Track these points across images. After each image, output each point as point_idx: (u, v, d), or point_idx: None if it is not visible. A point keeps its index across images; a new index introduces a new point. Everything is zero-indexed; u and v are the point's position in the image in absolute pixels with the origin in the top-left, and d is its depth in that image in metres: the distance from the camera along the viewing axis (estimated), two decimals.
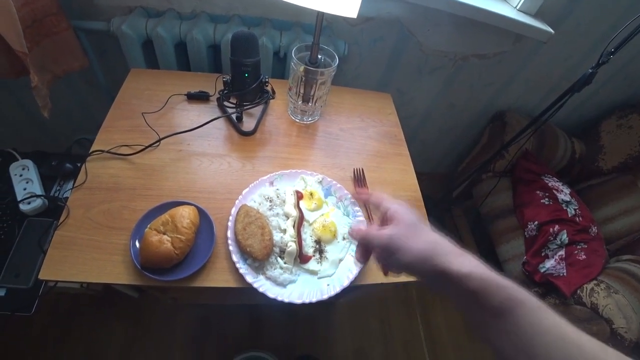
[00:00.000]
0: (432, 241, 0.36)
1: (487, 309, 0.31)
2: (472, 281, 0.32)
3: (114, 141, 0.71)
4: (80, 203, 0.63)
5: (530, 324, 0.29)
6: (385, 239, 0.37)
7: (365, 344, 1.29)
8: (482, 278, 0.32)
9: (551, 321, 0.29)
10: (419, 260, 0.35)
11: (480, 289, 0.31)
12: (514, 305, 0.30)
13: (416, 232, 0.37)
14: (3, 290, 0.73)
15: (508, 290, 0.31)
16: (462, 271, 0.32)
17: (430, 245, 0.35)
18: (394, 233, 0.37)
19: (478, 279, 0.32)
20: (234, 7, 0.94)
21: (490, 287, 0.31)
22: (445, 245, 0.36)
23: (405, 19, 0.99)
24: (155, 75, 0.87)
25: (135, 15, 0.91)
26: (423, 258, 0.34)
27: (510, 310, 0.30)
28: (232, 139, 0.79)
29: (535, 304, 0.30)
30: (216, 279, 0.58)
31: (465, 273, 0.32)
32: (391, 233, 0.37)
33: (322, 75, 0.73)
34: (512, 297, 0.31)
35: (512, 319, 0.30)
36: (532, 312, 0.30)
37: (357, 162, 0.80)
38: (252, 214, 0.61)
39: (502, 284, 0.31)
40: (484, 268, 0.33)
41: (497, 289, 0.31)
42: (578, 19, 1.03)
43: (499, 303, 0.31)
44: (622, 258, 1.17)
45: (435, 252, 0.34)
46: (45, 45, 0.84)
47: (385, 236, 0.37)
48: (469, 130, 1.50)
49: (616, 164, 1.35)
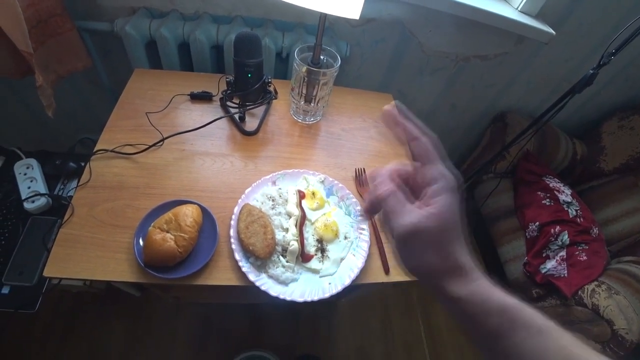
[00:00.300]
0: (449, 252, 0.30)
1: (486, 331, 0.29)
2: (468, 304, 0.29)
3: (118, 140, 0.72)
4: (84, 201, 0.63)
5: (531, 349, 0.27)
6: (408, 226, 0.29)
7: (366, 344, 1.29)
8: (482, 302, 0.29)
9: (555, 344, 0.27)
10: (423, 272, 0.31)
11: (478, 313, 0.29)
12: (515, 328, 0.28)
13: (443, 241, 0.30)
14: (7, 287, 0.74)
15: (510, 313, 0.28)
16: (461, 293, 0.29)
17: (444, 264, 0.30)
18: (420, 227, 0.29)
19: (476, 303, 0.29)
20: (237, 8, 0.95)
21: (490, 311, 0.29)
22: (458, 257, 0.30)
23: (407, 20, 1.00)
24: (159, 76, 0.88)
25: (139, 16, 0.91)
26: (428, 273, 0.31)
27: (511, 334, 0.28)
28: (234, 138, 0.79)
29: (538, 325, 0.28)
30: (219, 277, 0.59)
31: (462, 295, 0.29)
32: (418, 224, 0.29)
33: (325, 76, 0.73)
34: (514, 320, 0.28)
35: (512, 342, 0.28)
36: (534, 335, 0.27)
37: (359, 162, 0.81)
38: (255, 212, 0.62)
39: (502, 305, 0.29)
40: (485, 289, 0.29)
41: (497, 312, 0.28)
42: (579, 20, 1.04)
43: (499, 325, 0.28)
44: (623, 259, 1.17)
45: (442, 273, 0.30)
46: (49, 45, 0.85)
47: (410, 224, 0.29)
48: (470, 131, 1.50)
49: (617, 165, 1.36)
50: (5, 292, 0.73)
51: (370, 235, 0.67)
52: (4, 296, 0.73)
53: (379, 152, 0.85)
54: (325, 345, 1.26)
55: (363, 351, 1.28)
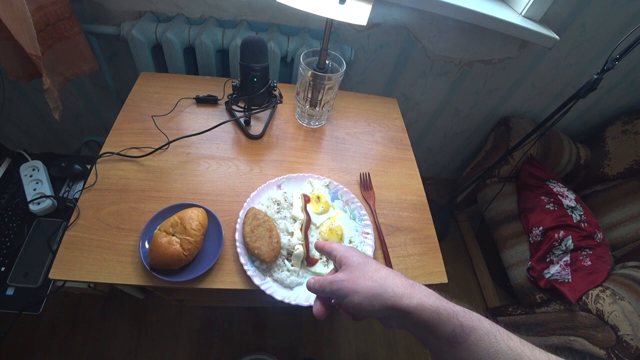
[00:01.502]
0: (379, 277, 0.36)
1: (442, 338, 0.32)
2: (422, 312, 0.32)
3: (124, 143, 0.72)
4: (90, 204, 0.63)
5: (484, 350, 0.30)
6: (334, 284, 0.38)
7: (370, 349, 1.29)
8: (432, 308, 0.32)
9: (504, 344, 0.30)
10: (368, 299, 0.35)
11: (431, 320, 0.32)
12: (467, 332, 0.31)
13: (363, 271, 0.37)
14: (12, 289, 0.74)
15: (459, 317, 0.31)
16: (412, 304, 0.33)
17: (377, 283, 0.35)
18: (340, 277, 0.38)
19: (428, 309, 0.32)
20: (243, 13, 0.95)
21: (440, 317, 0.31)
22: (395, 279, 0.36)
23: (411, 25, 1.00)
24: (165, 79, 0.89)
25: (145, 20, 0.92)
26: (371, 296, 0.35)
27: (464, 338, 0.30)
28: (240, 142, 0.80)
29: (487, 328, 0.31)
30: (224, 281, 0.59)
31: (415, 305, 0.32)
32: (339, 278, 0.38)
33: (330, 81, 0.73)
34: (464, 324, 0.31)
35: (466, 346, 0.30)
36: (485, 338, 0.30)
37: (364, 166, 0.81)
38: (260, 216, 0.62)
39: (452, 311, 0.32)
40: (434, 298, 0.33)
41: (448, 317, 0.31)
42: (583, 25, 1.04)
43: (452, 331, 0.31)
44: (627, 265, 1.16)
45: (383, 289, 0.35)
46: (57, 49, 0.86)
47: (334, 282, 0.38)
48: (474, 136, 1.51)
49: (622, 170, 1.35)
50: (10, 293, 0.74)
51: (375, 240, 0.67)
52: (9, 298, 0.73)
53: (384, 156, 0.85)
54: (328, 350, 1.26)
55: (366, 357, 1.27)
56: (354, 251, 0.41)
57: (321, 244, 0.46)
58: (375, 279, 0.36)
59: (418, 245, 0.71)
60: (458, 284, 1.53)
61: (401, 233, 0.72)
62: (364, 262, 0.39)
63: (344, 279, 0.37)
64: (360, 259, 0.39)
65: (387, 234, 0.70)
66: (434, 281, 0.66)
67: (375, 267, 0.38)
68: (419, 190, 0.80)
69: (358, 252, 0.41)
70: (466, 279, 1.55)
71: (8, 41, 0.73)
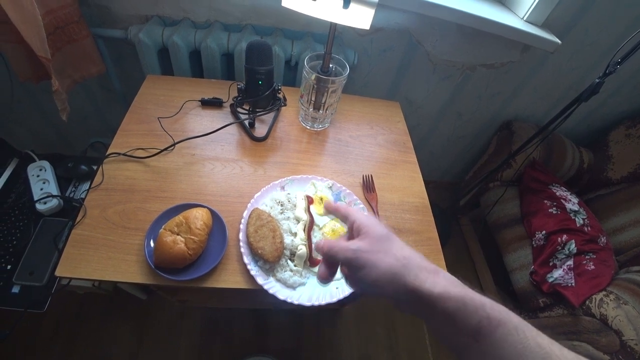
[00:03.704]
0: (403, 257, 0.33)
1: (465, 331, 0.29)
2: (446, 301, 0.29)
3: (130, 144, 0.74)
4: (96, 203, 0.64)
5: (511, 345, 0.27)
6: (350, 252, 0.34)
7: (371, 351, 1.28)
8: (458, 297, 0.29)
9: (533, 341, 0.27)
10: (387, 277, 0.32)
11: (455, 310, 0.29)
12: (494, 326, 0.28)
13: (385, 246, 0.34)
14: (17, 287, 0.75)
15: (486, 309, 0.29)
16: (436, 290, 0.30)
17: (400, 262, 0.32)
18: (360, 246, 0.34)
19: (453, 298, 0.29)
20: (248, 17, 0.97)
21: (466, 307, 0.29)
22: (418, 261, 0.33)
23: (414, 29, 1.01)
24: (171, 82, 0.90)
25: (152, 23, 0.94)
26: (391, 275, 0.31)
27: (490, 332, 0.28)
28: (244, 144, 0.80)
29: (515, 322, 0.28)
30: (227, 280, 0.60)
31: (439, 292, 0.29)
32: (357, 246, 0.34)
33: (334, 84, 0.74)
34: (491, 317, 0.28)
35: (492, 341, 0.28)
36: (513, 333, 0.28)
37: (366, 169, 0.81)
38: (264, 217, 0.62)
39: (479, 303, 0.29)
40: (459, 286, 0.31)
41: (474, 309, 0.29)
42: (585, 30, 1.04)
43: (477, 324, 0.28)
44: (632, 269, 1.15)
45: (405, 269, 0.31)
46: (65, 51, 0.87)
47: (351, 250, 0.34)
48: (476, 139, 1.51)
49: (625, 174, 1.35)
50: (16, 291, 0.74)
51: None
52: (15, 295, 0.74)
53: (386, 159, 0.85)
54: (329, 352, 1.26)
55: (367, 359, 1.27)
56: (376, 221, 0.37)
57: (334, 205, 0.41)
58: (399, 257, 0.32)
59: (420, 247, 0.71)
60: None
61: (403, 235, 0.72)
62: (388, 236, 0.35)
63: (365, 250, 0.33)
64: (384, 231, 0.35)
65: None
66: None
67: (399, 244, 0.34)
68: (422, 193, 0.80)
69: (381, 224, 0.37)
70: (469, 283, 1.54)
71: (18, 44, 0.75)
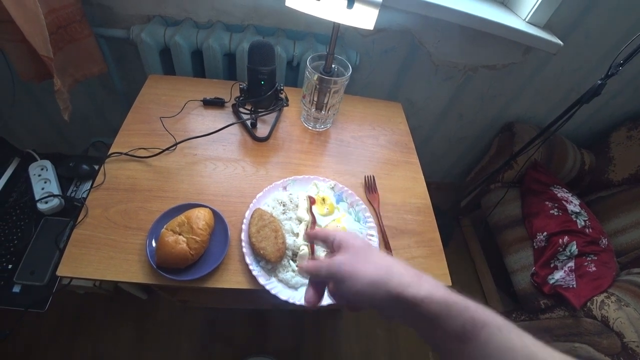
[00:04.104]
0: (385, 265, 0.33)
1: (450, 334, 0.29)
2: (430, 305, 0.29)
3: (132, 144, 0.73)
4: (98, 203, 0.64)
5: (497, 347, 0.28)
6: (333, 267, 0.34)
7: (372, 353, 1.28)
8: (441, 300, 0.30)
9: (518, 342, 0.28)
10: (371, 286, 0.32)
11: (440, 313, 0.29)
12: (479, 327, 0.28)
13: (365, 256, 0.35)
14: (18, 286, 0.75)
15: (470, 311, 0.29)
16: (419, 294, 0.30)
17: (382, 270, 0.32)
18: (341, 260, 0.35)
19: (437, 301, 0.29)
20: (250, 17, 0.97)
21: (450, 310, 0.29)
22: (400, 268, 0.33)
23: (416, 30, 1.01)
24: (172, 82, 0.90)
25: (154, 23, 0.94)
26: (375, 283, 0.32)
27: (475, 334, 0.28)
28: (246, 144, 0.80)
29: (500, 323, 0.29)
30: (229, 280, 0.59)
31: (422, 296, 0.30)
32: (339, 260, 0.35)
33: (336, 84, 0.74)
34: (475, 319, 0.29)
35: (478, 343, 0.28)
36: (497, 333, 0.28)
37: (368, 169, 0.81)
38: (266, 217, 0.62)
39: (463, 305, 0.29)
40: (443, 290, 0.31)
41: (458, 311, 0.29)
42: (587, 31, 1.04)
43: (462, 326, 0.28)
44: (633, 271, 1.15)
45: (388, 276, 0.32)
46: (67, 51, 0.87)
47: (334, 264, 0.35)
48: (478, 141, 1.51)
49: (626, 176, 1.35)
50: (17, 291, 0.74)
51: (380, 242, 0.67)
52: (15, 295, 0.74)
53: (388, 160, 0.85)
54: (330, 353, 1.25)
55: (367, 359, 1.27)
56: (355, 235, 0.38)
57: (314, 231, 0.42)
58: (380, 265, 0.33)
59: (422, 248, 0.71)
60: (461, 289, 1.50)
61: (405, 236, 0.72)
62: (366, 246, 0.36)
63: (344, 262, 0.34)
64: (363, 242, 0.36)
65: (391, 237, 0.70)
66: None
67: (380, 253, 0.35)
68: (423, 194, 0.80)
69: (359, 236, 0.38)
70: (469, 285, 1.54)
71: (21, 43, 0.75)
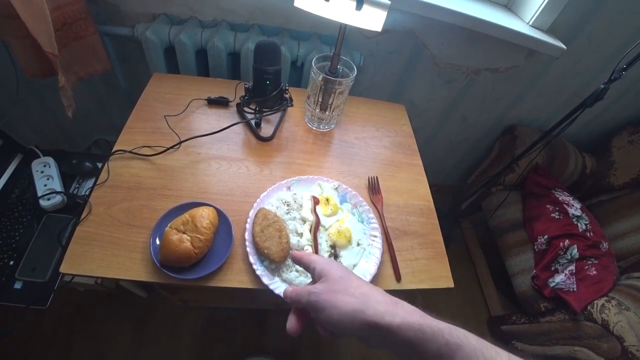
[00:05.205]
0: (361, 293, 0.34)
1: (427, 358, 0.30)
2: (406, 331, 0.31)
3: (136, 142, 0.73)
4: (101, 200, 0.64)
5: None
6: (312, 296, 0.36)
7: (371, 352, 1.28)
8: (416, 326, 0.31)
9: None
10: (348, 315, 0.33)
11: (415, 339, 0.30)
12: (453, 350, 0.30)
13: (343, 285, 0.36)
14: (20, 283, 0.74)
15: (445, 335, 0.30)
16: (395, 322, 0.31)
17: (358, 299, 0.34)
18: (319, 289, 0.36)
19: (412, 328, 0.31)
20: (255, 17, 0.97)
21: (425, 335, 0.30)
22: (377, 296, 0.34)
23: (420, 32, 1.01)
24: (177, 80, 0.90)
25: (159, 22, 0.94)
26: (352, 312, 0.33)
27: (450, 357, 0.30)
28: (250, 144, 0.80)
29: (473, 345, 0.30)
30: (233, 280, 0.59)
31: (397, 323, 0.31)
32: (317, 289, 0.36)
33: (341, 85, 0.74)
34: (450, 342, 0.30)
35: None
36: (472, 355, 0.29)
37: (372, 171, 0.81)
38: (270, 217, 0.62)
39: (437, 329, 0.31)
40: (418, 315, 0.32)
41: (433, 335, 0.30)
42: (590, 35, 1.05)
43: (437, 350, 0.30)
44: (633, 275, 1.16)
45: (364, 305, 0.33)
46: (72, 48, 0.87)
47: (313, 293, 0.36)
48: (480, 143, 1.51)
49: (627, 180, 1.35)
50: (18, 287, 0.74)
51: (383, 243, 0.67)
52: (17, 291, 0.73)
53: (392, 161, 0.86)
54: (329, 353, 1.25)
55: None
56: (334, 264, 0.40)
57: (299, 254, 0.43)
58: (357, 294, 0.34)
59: (425, 249, 0.71)
60: (462, 292, 1.52)
61: (408, 237, 0.72)
62: (345, 276, 0.37)
63: (323, 291, 0.36)
64: (342, 272, 0.38)
65: (394, 238, 0.70)
66: (440, 285, 0.67)
67: (357, 283, 0.36)
68: (427, 196, 0.81)
69: (339, 265, 0.40)
70: (470, 287, 1.54)
71: (26, 39, 0.75)
